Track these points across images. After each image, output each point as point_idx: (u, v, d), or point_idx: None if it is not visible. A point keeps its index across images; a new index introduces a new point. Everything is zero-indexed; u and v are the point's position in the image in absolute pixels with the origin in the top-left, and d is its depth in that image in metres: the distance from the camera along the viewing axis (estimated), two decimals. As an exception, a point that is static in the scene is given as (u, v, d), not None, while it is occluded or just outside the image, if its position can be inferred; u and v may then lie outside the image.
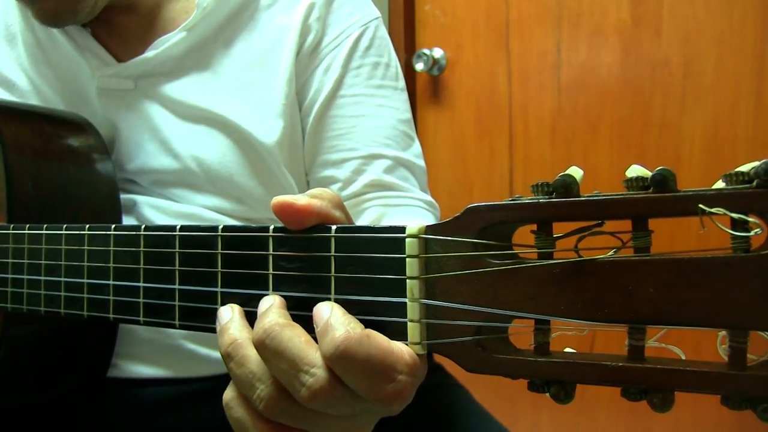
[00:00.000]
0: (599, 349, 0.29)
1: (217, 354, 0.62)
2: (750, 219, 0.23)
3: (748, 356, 0.25)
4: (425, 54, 1.58)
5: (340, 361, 0.29)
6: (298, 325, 0.32)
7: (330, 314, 0.31)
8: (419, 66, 1.60)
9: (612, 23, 1.41)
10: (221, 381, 0.35)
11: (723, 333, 0.25)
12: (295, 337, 0.31)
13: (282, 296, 0.35)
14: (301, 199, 0.34)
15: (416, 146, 0.71)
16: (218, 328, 0.35)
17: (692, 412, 1.34)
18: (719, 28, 1.31)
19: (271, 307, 0.33)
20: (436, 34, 1.63)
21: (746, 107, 1.30)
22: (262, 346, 0.32)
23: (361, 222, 0.66)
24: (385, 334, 0.31)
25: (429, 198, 0.70)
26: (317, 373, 0.30)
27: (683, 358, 0.27)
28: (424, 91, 1.65)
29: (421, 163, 0.71)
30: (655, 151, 1.39)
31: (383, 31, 0.72)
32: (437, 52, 1.60)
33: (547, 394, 0.28)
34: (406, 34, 1.62)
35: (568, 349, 0.30)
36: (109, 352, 0.62)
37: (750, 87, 1.29)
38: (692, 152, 1.35)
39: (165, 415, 0.63)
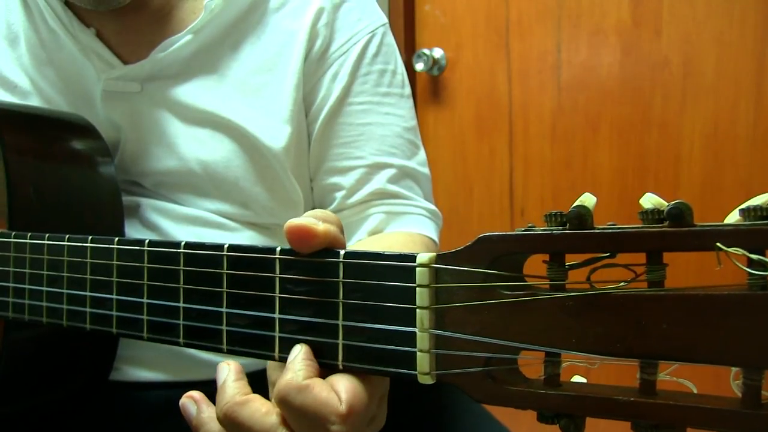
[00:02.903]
0: (600, 373, 0.29)
1: (217, 358, 0.62)
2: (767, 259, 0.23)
3: (763, 393, 0.24)
4: (425, 54, 1.58)
5: (279, 404, 0.33)
6: (255, 397, 0.35)
7: (294, 356, 0.34)
8: (419, 66, 1.59)
9: (612, 23, 1.41)
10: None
11: (737, 368, 0.25)
12: (255, 413, 0.34)
13: (289, 319, 0.35)
14: (320, 226, 0.34)
15: (421, 154, 0.71)
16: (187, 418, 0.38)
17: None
18: (719, 28, 1.30)
19: (226, 381, 0.36)
20: (436, 34, 1.62)
21: (746, 107, 1.30)
22: (226, 424, 0.35)
23: (363, 229, 0.66)
24: (394, 363, 0.31)
25: (432, 207, 0.70)
26: None
27: (695, 392, 0.27)
28: (424, 91, 1.65)
29: (426, 171, 0.71)
30: (655, 151, 1.39)
31: (390, 38, 0.72)
32: (437, 52, 1.60)
33: (557, 426, 0.28)
34: (406, 34, 1.61)
35: (577, 377, 0.30)
36: (111, 355, 0.62)
37: (750, 87, 1.29)
38: (692, 152, 1.35)
39: (166, 419, 0.63)
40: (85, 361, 0.61)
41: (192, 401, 0.38)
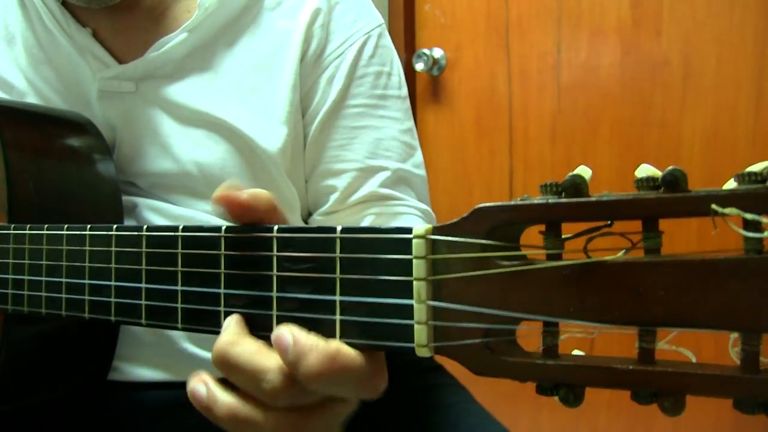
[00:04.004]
0: (600, 347, 0.29)
1: None
2: (763, 220, 0.23)
3: (761, 359, 0.24)
4: (425, 54, 1.58)
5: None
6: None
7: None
8: (419, 66, 1.59)
9: (612, 23, 1.41)
10: (222, 385, 0.36)
11: (735, 335, 0.25)
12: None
13: (287, 297, 0.35)
14: (243, 194, 0.35)
15: (417, 156, 0.71)
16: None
17: (691, 411, 1.34)
18: (719, 28, 1.30)
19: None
20: (436, 34, 1.62)
21: (746, 107, 1.30)
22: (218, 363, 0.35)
23: None
24: (391, 336, 0.31)
25: (426, 207, 0.70)
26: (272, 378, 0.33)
27: (694, 360, 0.26)
28: (424, 91, 1.65)
29: (421, 172, 0.71)
30: (655, 151, 1.39)
31: (386, 39, 0.72)
32: (437, 52, 1.60)
33: (556, 398, 0.28)
34: (406, 34, 1.62)
35: (576, 351, 0.30)
36: (109, 354, 0.61)
37: (750, 87, 1.29)
38: (692, 152, 1.35)
39: (166, 419, 0.63)
40: (83, 359, 0.61)
41: (202, 383, 0.37)
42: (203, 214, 0.65)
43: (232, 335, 0.35)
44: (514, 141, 1.54)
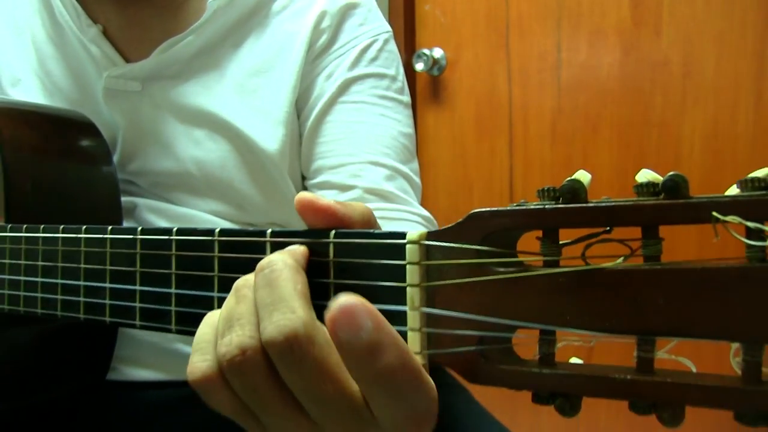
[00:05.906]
0: (599, 354, 0.28)
1: None
2: (766, 228, 0.22)
3: (763, 370, 0.24)
4: (425, 54, 1.58)
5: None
6: (303, 273, 0.30)
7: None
8: (419, 66, 1.59)
9: (612, 23, 1.41)
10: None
11: (736, 345, 0.24)
12: (290, 282, 0.29)
13: None
14: (322, 199, 0.32)
15: (416, 163, 0.70)
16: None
17: (692, 411, 1.33)
18: (719, 28, 1.30)
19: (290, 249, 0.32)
20: (436, 34, 1.62)
21: (746, 107, 1.29)
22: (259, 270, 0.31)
23: None
24: None
25: (426, 213, 0.68)
26: (292, 317, 0.28)
27: (694, 370, 0.26)
28: (424, 91, 1.65)
29: (419, 181, 0.69)
30: (655, 151, 1.38)
31: (393, 46, 0.71)
32: (437, 52, 1.60)
33: (553, 407, 0.27)
34: (406, 34, 1.61)
35: (574, 359, 0.29)
36: (108, 354, 0.61)
37: (750, 87, 1.28)
38: (692, 152, 1.34)
39: (164, 418, 0.63)
40: (82, 359, 0.60)
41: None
42: (203, 213, 0.65)
43: (293, 258, 0.31)
44: (514, 141, 1.54)
